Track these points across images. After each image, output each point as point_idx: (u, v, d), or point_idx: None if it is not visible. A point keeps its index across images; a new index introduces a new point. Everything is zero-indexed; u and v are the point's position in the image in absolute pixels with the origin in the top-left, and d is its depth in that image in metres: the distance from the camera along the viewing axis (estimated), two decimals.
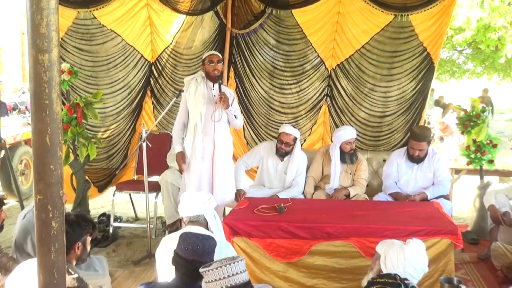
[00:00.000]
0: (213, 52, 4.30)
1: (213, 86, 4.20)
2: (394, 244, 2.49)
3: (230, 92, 4.35)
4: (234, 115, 4.23)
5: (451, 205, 4.27)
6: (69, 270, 2.34)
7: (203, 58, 4.26)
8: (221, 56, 4.36)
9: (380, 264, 2.44)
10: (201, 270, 2.05)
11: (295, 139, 4.52)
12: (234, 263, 2.00)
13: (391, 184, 4.40)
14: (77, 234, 2.76)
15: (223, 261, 2.02)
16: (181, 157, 4.22)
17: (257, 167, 4.85)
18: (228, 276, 1.97)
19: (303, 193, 4.55)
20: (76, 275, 2.37)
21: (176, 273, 2.26)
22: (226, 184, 4.35)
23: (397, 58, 5.12)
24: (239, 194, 4.38)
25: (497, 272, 3.71)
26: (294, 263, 3.38)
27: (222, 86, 4.13)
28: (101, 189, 5.51)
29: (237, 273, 2.00)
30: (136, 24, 5.26)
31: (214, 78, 4.16)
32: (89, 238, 2.88)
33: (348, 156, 4.49)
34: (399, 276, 2.20)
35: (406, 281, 2.21)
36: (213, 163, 4.19)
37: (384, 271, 2.38)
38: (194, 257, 2.17)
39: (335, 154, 4.49)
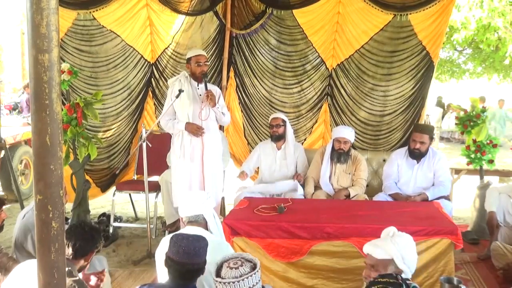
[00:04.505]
0: (199, 52, 4.19)
1: (198, 86, 4.17)
2: (382, 238, 2.49)
3: (216, 89, 4.28)
4: (222, 112, 4.20)
5: (451, 206, 4.26)
6: (73, 272, 2.34)
7: (188, 57, 4.18)
8: (206, 55, 4.33)
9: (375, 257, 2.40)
10: (216, 279, 2.01)
11: (284, 121, 4.70)
12: (251, 275, 1.93)
13: (391, 185, 4.40)
14: (97, 244, 2.75)
15: (240, 269, 1.94)
16: (191, 124, 4.08)
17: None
18: None
19: (303, 193, 4.56)
20: (77, 278, 2.37)
21: (169, 275, 2.25)
22: (217, 183, 4.33)
23: (397, 57, 5.13)
24: (241, 174, 4.57)
25: (497, 272, 3.71)
26: (294, 263, 3.38)
27: (207, 84, 4.09)
28: (104, 189, 5.53)
29: (253, 285, 1.93)
30: (135, 24, 5.26)
31: (199, 78, 4.13)
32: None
33: (335, 154, 4.50)
34: (400, 276, 2.20)
35: (407, 281, 2.21)
36: (203, 163, 4.15)
37: (379, 257, 2.36)
38: (185, 259, 2.16)
39: (327, 149, 4.57)
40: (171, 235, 2.42)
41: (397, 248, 2.36)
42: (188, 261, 2.16)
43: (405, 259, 2.36)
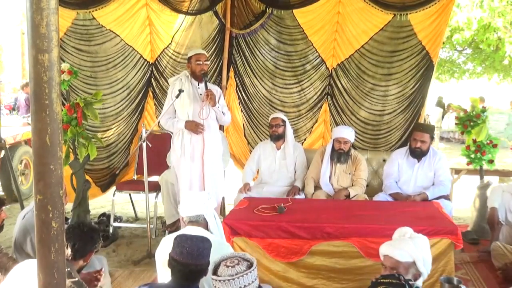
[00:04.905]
0: (199, 51, 4.22)
1: (198, 85, 4.17)
2: (400, 239, 2.46)
3: (216, 89, 4.29)
4: (222, 112, 4.20)
5: (451, 206, 4.27)
6: (72, 273, 2.34)
7: (189, 56, 4.19)
8: (207, 55, 4.34)
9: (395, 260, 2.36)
10: (212, 277, 2.03)
11: (283, 120, 4.71)
12: (246, 274, 1.95)
13: (392, 184, 4.40)
14: (96, 245, 2.75)
15: (237, 267, 1.96)
16: (190, 122, 4.08)
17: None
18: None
19: (303, 193, 4.56)
20: (76, 279, 2.37)
21: (172, 275, 2.25)
22: (217, 183, 4.32)
23: (396, 57, 5.14)
24: (244, 187, 4.50)
25: (497, 272, 3.71)
26: (294, 263, 3.38)
27: (207, 83, 4.09)
28: (104, 188, 5.52)
29: (249, 284, 1.95)
30: (135, 24, 5.26)
31: (199, 77, 4.13)
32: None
33: (336, 154, 4.51)
34: (403, 276, 2.19)
35: (410, 282, 2.21)
36: (203, 162, 4.16)
37: (402, 259, 2.33)
38: (189, 260, 2.16)
39: (327, 149, 4.57)
40: (171, 235, 2.43)
41: (418, 250, 2.34)
42: (191, 262, 2.16)
43: (425, 261, 2.34)
